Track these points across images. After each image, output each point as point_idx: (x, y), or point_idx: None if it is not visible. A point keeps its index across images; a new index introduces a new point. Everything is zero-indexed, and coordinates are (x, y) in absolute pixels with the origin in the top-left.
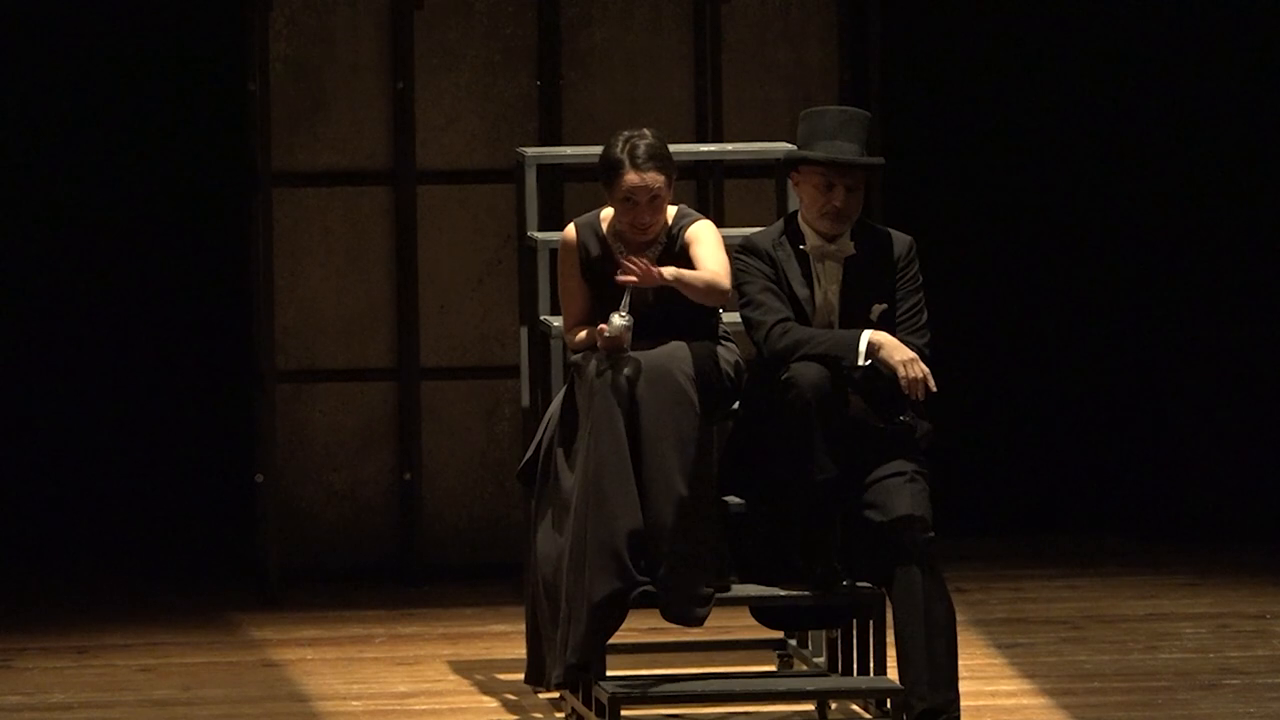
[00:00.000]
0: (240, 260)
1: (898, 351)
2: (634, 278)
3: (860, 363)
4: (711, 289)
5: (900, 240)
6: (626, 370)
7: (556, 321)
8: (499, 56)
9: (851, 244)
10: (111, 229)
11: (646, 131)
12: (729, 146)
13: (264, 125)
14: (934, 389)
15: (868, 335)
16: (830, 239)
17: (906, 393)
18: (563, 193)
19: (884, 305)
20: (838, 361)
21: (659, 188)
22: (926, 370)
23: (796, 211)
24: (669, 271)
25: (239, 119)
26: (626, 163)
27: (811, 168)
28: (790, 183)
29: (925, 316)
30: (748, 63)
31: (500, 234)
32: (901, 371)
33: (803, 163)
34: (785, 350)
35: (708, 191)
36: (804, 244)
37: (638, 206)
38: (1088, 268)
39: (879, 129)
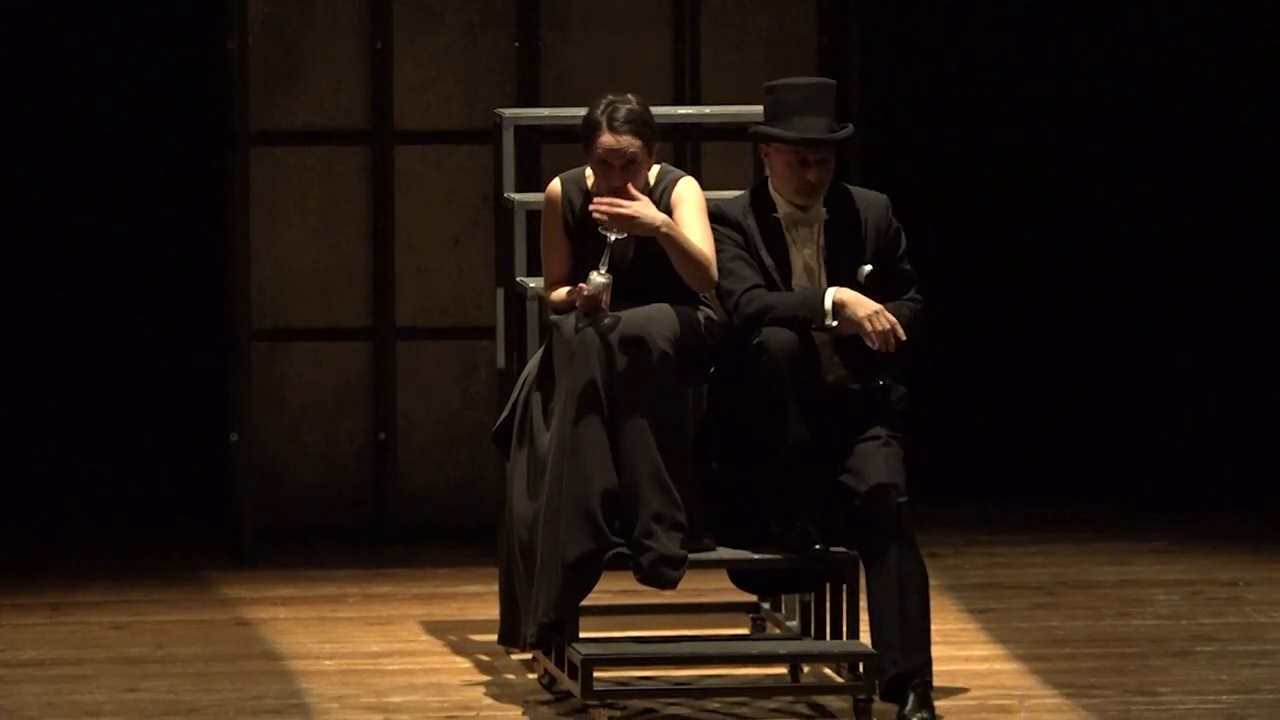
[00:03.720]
0: (216, 219)
1: (861, 307)
2: (627, 210)
3: (828, 322)
4: (702, 271)
5: (877, 199)
6: (605, 330)
7: (533, 283)
8: (478, 17)
9: (824, 209)
10: (87, 187)
11: (630, 97)
12: (707, 109)
13: (242, 84)
14: (903, 338)
15: (832, 293)
16: (803, 207)
17: (878, 347)
18: (540, 154)
19: (869, 267)
20: (807, 323)
21: (635, 152)
22: (894, 320)
23: (766, 179)
24: (665, 223)
25: (217, 78)
26: (604, 124)
27: (782, 144)
28: (762, 153)
29: (913, 275)
30: (727, 26)
31: (477, 195)
32: (868, 326)
33: (773, 140)
34: (754, 316)
35: (685, 154)
36: (776, 212)
37: (611, 170)
38: (1065, 235)
39: (858, 94)
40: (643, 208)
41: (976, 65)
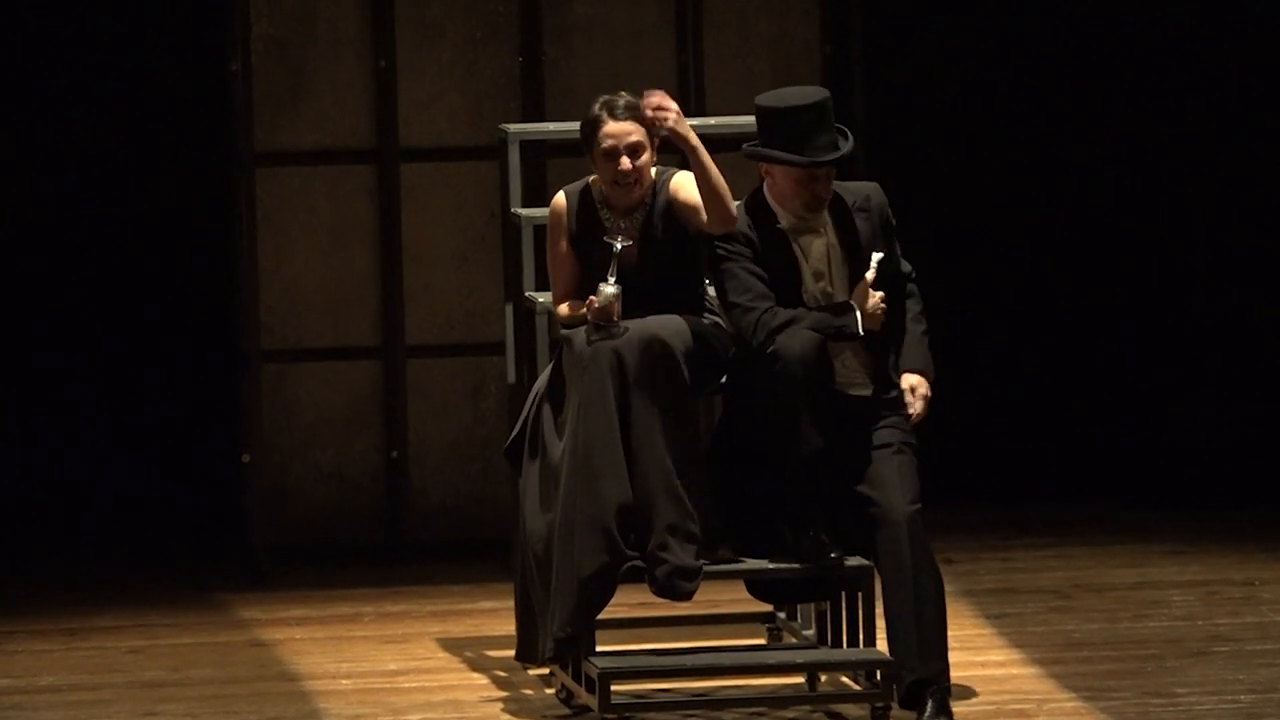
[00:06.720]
0: (224, 240)
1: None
2: (665, 111)
3: (861, 332)
4: (727, 203)
5: (873, 187)
6: (616, 343)
7: (542, 298)
8: (481, 33)
9: (826, 213)
10: (95, 210)
11: (623, 93)
12: (711, 121)
13: (246, 105)
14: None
15: (855, 307)
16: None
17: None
18: (546, 169)
19: (880, 254)
20: (843, 331)
21: (638, 139)
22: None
23: (759, 190)
24: (699, 146)
25: (221, 99)
26: (605, 114)
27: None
28: (762, 170)
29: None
30: (729, 36)
31: (484, 211)
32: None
33: (783, 164)
34: (777, 330)
35: (690, 165)
36: (779, 223)
37: (619, 156)
38: (1072, 233)
39: (862, 102)
40: (676, 114)
41: (980, 72)
